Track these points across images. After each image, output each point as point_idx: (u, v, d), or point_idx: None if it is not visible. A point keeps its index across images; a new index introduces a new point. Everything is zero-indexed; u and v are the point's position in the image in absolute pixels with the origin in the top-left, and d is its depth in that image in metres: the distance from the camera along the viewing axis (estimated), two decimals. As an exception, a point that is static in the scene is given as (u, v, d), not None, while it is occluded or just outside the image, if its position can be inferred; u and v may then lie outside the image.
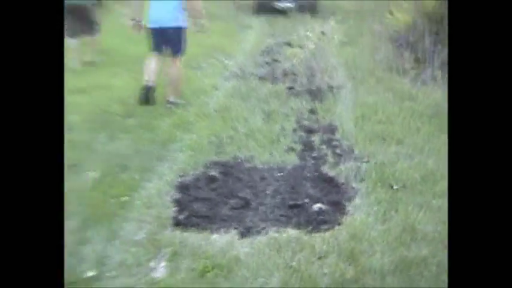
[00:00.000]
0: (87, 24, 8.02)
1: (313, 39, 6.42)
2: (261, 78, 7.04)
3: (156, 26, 5.73)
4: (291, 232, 3.31)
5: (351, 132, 5.05)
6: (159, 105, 5.80)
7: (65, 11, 8.19)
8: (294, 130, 5.15)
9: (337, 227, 3.38)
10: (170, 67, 5.95)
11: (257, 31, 11.47)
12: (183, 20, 5.79)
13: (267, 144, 4.72)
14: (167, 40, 5.79)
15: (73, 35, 7.78)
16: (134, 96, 6.04)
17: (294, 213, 3.63)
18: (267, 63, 8.09)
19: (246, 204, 3.75)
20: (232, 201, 3.78)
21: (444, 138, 4.40)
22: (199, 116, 5.42)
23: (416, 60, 6.89)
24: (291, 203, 3.74)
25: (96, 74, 7.25)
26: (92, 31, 8.04)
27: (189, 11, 5.78)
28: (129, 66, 7.78)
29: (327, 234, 3.30)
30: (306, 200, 3.78)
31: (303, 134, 5.07)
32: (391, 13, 7.52)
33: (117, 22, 12.41)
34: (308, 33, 6.50)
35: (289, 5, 13.07)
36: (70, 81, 6.64)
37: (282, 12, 12.86)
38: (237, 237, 3.28)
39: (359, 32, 9.57)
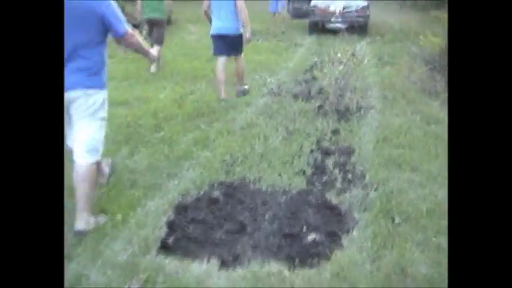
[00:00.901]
0: (155, 36, 7.97)
1: (343, 60, 5.86)
2: (295, 96, 6.55)
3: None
4: (274, 266, 2.84)
5: (367, 156, 4.47)
6: (188, 120, 5.45)
7: (144, 22, 8.25)
8: (311, 151, 4.62)
9: (323, 263, 2.89)
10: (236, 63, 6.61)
11: (306, 50, 10.98)
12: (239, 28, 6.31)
13: (278, 166, 4.24)
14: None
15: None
16: (168, 110, 5.75)
17: (287, 242, 3.14)
18: (305, 81, 7.58)
19: (241, 229, 3.30)
20: (228, 225, 3.35)
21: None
22: (221, 133, 4.97)
23: (448, 83, 6.20)
24: (287, 231, 3.27)
25: (143, 87, 7.03)
26: (156, 43, 7.89)
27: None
28: (177, 80, 7.55)
29: (312, 271, 2.81)
30: (303, 229, 3.30)
31: (318, 156, 4.52)
32: (425, 36, 6.84)
33: (182, 39, 12.35)
34: (339, 54, 5.95)
35: (340, 25, 12.60)
36: (113, 94, 6.47)
37: (334, 32, 12.38)
38: (217, 267, 2.85)
39: (401, 53, 8.90)
